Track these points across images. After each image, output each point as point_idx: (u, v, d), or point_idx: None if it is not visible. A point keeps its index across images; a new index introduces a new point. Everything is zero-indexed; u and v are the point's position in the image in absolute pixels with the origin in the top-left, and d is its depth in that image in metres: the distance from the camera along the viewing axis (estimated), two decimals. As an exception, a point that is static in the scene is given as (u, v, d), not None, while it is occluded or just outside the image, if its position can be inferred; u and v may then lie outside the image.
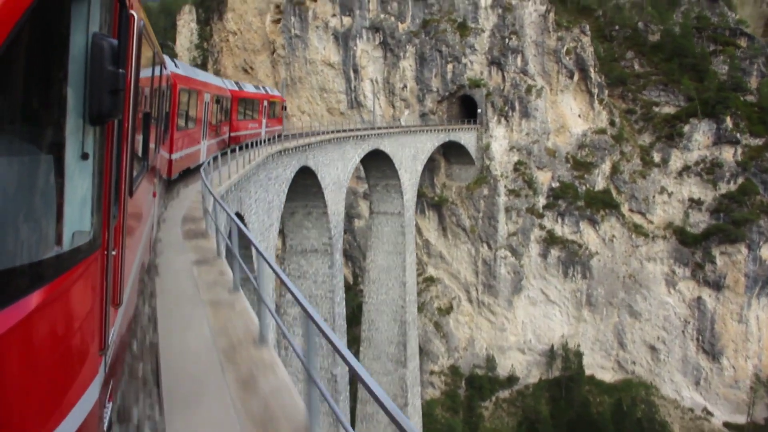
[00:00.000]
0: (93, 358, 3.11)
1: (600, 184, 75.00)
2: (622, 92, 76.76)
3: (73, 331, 2.82)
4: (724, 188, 70.39)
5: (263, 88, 42.60)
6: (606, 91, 75.63)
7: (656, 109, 74.35)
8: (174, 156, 18.56)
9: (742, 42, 73.48)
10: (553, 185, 75.70)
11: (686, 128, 71.72)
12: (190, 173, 23.40)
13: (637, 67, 77.11)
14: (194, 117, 21.92)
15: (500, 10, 76.76)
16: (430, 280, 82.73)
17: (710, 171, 70.67)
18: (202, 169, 16.73)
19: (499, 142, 77.87)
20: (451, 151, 78.76)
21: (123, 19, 3.55)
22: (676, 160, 72.81)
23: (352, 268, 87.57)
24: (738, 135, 69.36)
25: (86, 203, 3.04)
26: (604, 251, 74.21)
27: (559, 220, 75.28)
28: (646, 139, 74.79)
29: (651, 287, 73.27)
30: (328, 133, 50.07)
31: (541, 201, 76.04)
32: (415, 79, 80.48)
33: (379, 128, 62.06)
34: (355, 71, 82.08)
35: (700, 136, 71.55)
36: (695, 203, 71.68)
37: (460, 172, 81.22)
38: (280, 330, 5.82)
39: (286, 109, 51.34)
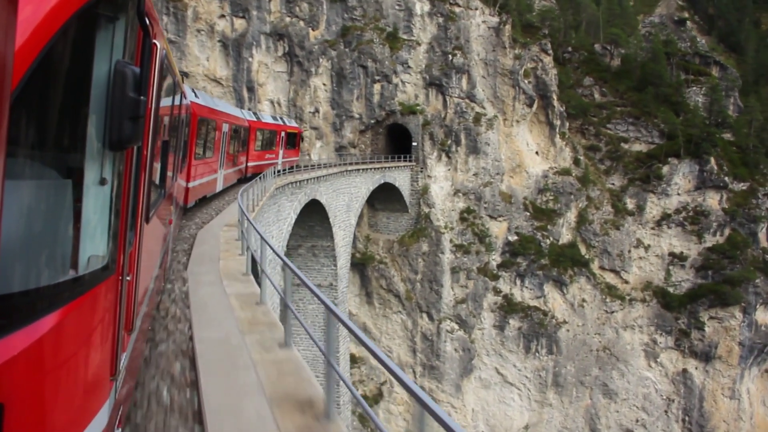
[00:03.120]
0: (104, 383, 3.08)
1: (565, 236, 61.30)
2: (582, 125, 64.20)
3: (85, 355, 2.79)
4: (710, 240, 59.49)
5: (281, 118, 42.35)
6: (567, 124, 62.56)
7: (625, 146, 62.40)
8: (191, 184, 18.16)
9: (714, 71, 64.10)
10: (510, 239, 60.79)
11: (665, 170, 60.23)
12: (205, 201, 23.20)
13: (597, 96, 65.05)
14: (212, 146, 22.02)
15: (441, 19, 61.29)
16: (352, 361, 64.13)
17: (694, 220, 59.52)
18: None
19: (440, 183, 61.83)
20: (378, 195, 61.34)
21: (146, 48, 3.43)
22: (653, 208, 61.04)
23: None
24: (726, 178, 58.94)
25: (103, 228, 3.03)
26: (574, 319, 60.27)
27: (518, 282, 60.38)
28: (615, 181, 62.46)
29: (629, 361, 60.36)
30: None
31: (496, 259, 60.78)
32: (330, 101, 62.45)
33: (316, 167, 43.96)
34: (251, 89, 62.35)
35: (681, 179, 60.41)
36: (677, 259, 60.12)
37: (388, 221, 63.98)
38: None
39: (303, 140, 48.29)
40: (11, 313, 2.17)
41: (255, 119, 33.05)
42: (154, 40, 3.72)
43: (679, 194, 60.47)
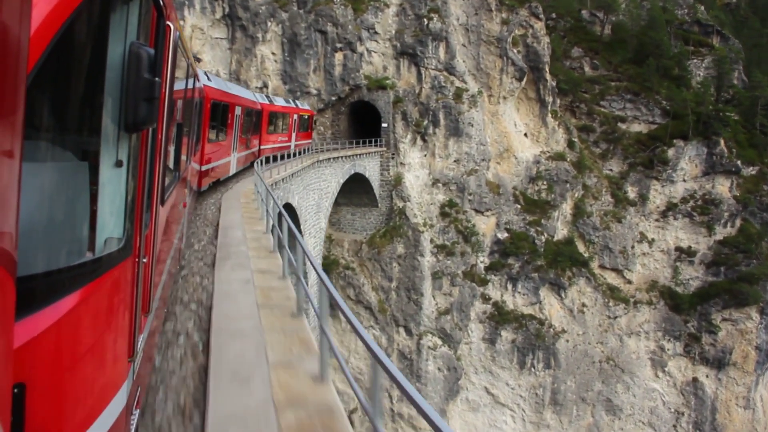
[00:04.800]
0: (122, 364, 3.08)
1: (560, 231, 53.09)
2: (572, 103, 56.05)
3: (103, 336, 2.78)
4: (721, 233, 52.83)
5: (293, 102, 41.63)
6: (558, 101, 54.19)
7: (623, 127, 54.74)
8: (204, 167, 17.94)
9: (715, 41, 57.46)
10: (500, 236, 51.95)
11: (670, 153, 52.97)
12: (219, 184, 22.67)
13: (588, 69, 57.03)
14: (225, 130, 21.80)
15: (413, -24, 51.31)
16: (314, 386, 53.69)
17: (704, 210, 52.65)
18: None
19: (416, 172, 52.17)
20: (341, 188, 51.09)
21: (160, 29, 3.43)
22: (657, 196, 53.78)
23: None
24: (738, 162, 52.32)
25: (119, 210, 3.00)
26: (573, 327, 52.29)
27: (510, 287, 51.74)
28: (613, 167, 54.72)
29: (634, 372, 53.11)
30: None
31: (484, 260, 51.82)
32: (280, 74, 51.37)
33: (282, 159, 33.83)
34: (181, 60, 50.35)
35: (687, 163, 53.36)
36: (685, 254, 53.17)
37: (354, 218, 53.81)
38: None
39: (316, 123, 48.26)
40: (30, 295, 2.15)
41: (267, 102, 32.73)
42: (168, 21, 3.61)
43: (685, 180, 53.57)
